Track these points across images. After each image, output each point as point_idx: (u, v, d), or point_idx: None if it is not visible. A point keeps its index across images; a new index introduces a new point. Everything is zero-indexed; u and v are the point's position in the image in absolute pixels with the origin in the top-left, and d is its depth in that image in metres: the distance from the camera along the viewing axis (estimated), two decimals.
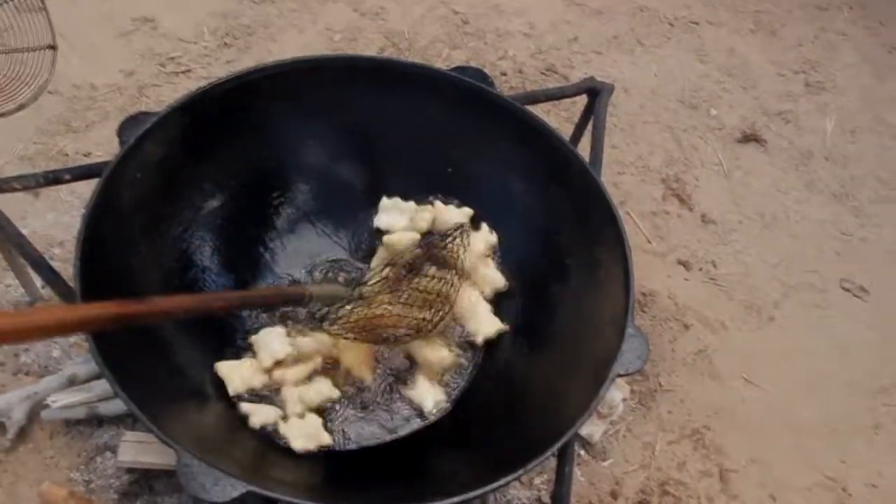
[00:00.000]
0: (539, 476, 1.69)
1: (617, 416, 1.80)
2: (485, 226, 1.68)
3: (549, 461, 1.67)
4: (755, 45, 2.94)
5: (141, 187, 1.44)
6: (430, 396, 1.52)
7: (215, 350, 1.51)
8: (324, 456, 1.40)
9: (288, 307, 1.57)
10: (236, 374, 1.46)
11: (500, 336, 1.59)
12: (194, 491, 1.04)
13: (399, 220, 1.72)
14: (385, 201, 1.74)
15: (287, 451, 1.39)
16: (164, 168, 1.49)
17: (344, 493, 1.25)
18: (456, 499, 1.09)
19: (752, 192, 2.40)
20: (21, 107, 1.43)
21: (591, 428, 1.76)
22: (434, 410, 1.52)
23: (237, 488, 1.04)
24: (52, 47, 1.46)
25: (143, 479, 1.58)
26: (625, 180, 2.36)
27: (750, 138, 2.55)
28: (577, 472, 1.72)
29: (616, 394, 1.79)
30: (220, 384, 1.46)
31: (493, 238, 1.67)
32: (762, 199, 2.39)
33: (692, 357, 1.96)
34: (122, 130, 1.43)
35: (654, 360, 1.93)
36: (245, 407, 1.44)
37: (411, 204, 1.73)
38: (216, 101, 1.53)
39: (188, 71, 2.50)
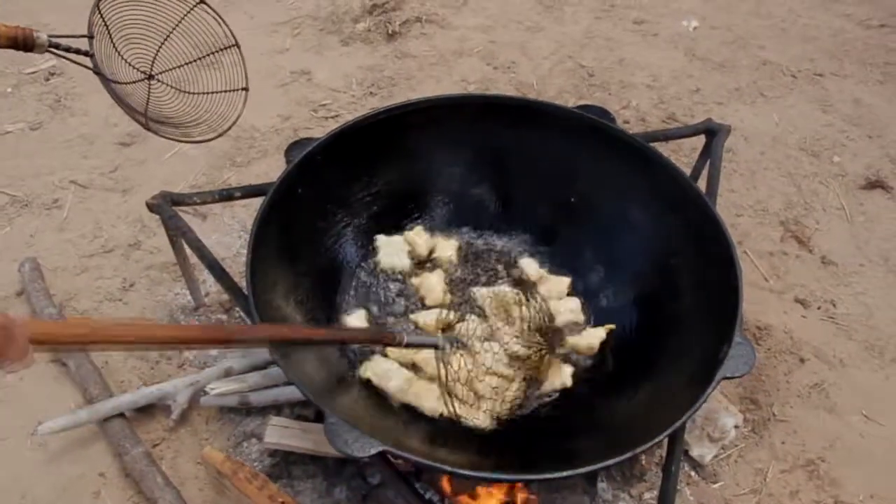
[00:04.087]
0: (649, 491, 1.74)
1: (728, 442, 1.83)
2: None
3: (657, 479, 1.74)
4: (883, 96, 2.94)
5: (301, 201, 1.66)
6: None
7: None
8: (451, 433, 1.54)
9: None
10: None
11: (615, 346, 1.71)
12: (339, 446, 1.19)
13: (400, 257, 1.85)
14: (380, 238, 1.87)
15: (422, 424, 1.55)
16: (321, 186, 1.72)
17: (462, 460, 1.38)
18: (566, 472, 1.20)
19: (876, 236, 2.39)
20: (219, 135, 1.66)
21: (702, 449, 1.80)
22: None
23: (375, 446, 1.19)
24: (245, 89, 1.70)
25: (284, 463, 1.75)
26: (742, 222, 2.41)
27: (875, 185, 2.54)
28: (687, 492, 1.77)
29: (728, 420, 1.83)
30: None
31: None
32: (887, 244, 2.37)
33: (808, 390, 1.96)
34: (289, 151, 1.66)
35: (768, 390, 1.95)
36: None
37: (397, 238, 1.88)
38: (370, 130, 1.75)
39: (337, 116, 2.78)
